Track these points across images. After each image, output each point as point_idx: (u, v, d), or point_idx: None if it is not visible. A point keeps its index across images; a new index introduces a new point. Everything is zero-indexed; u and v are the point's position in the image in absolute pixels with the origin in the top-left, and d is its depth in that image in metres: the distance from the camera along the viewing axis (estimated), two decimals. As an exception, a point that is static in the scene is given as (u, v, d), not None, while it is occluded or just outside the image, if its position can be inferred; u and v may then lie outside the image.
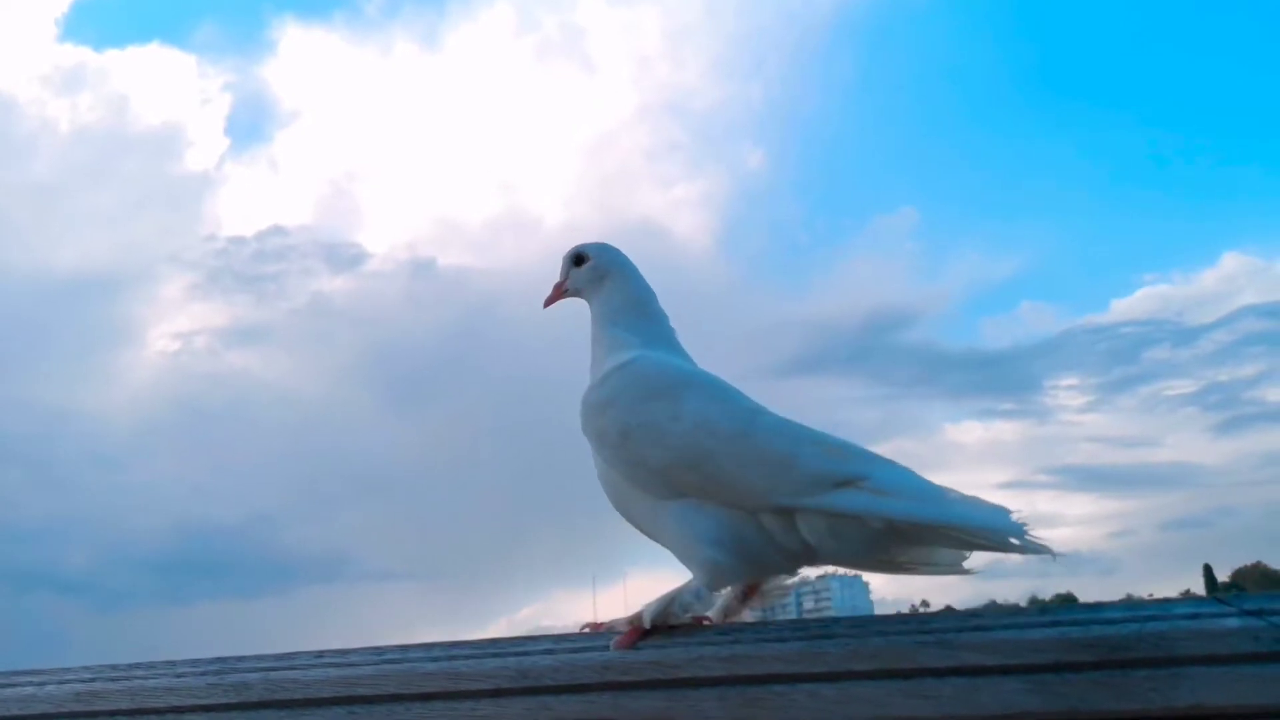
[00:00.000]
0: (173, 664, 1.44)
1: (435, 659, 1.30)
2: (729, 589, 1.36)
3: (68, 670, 1.47)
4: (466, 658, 1.29)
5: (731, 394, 1.41)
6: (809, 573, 1.45)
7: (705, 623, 1.31)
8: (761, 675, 1.16)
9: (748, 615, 1.36)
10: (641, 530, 1.41)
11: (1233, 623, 1.07)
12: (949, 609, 1.35)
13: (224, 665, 1.39)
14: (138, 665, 1.45)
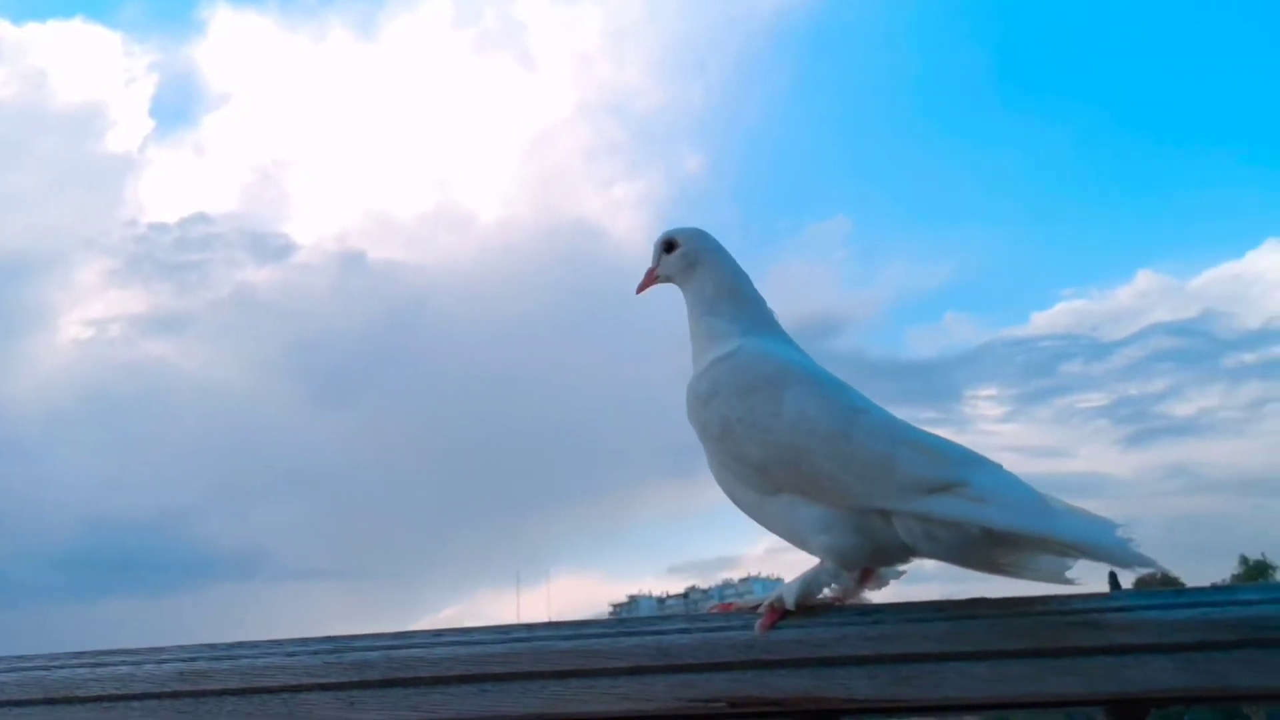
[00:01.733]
0: (279, 643, 1.40)
1: (566, 637, 1.29)
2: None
3: (162, 650, 1.43)
4: (599, 636, 1.29)
5: (834, 389, 1.40)
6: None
7: (837, 603, 1.33)
8: (910, 654, 1.19)
9: (865, 597, 1.38)
10: (750, 517, 1.42)
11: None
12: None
13: (337, 644, 1.37)
14: (240, 644, 1.41)
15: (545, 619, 1.35)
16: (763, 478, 1.36)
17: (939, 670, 1.17)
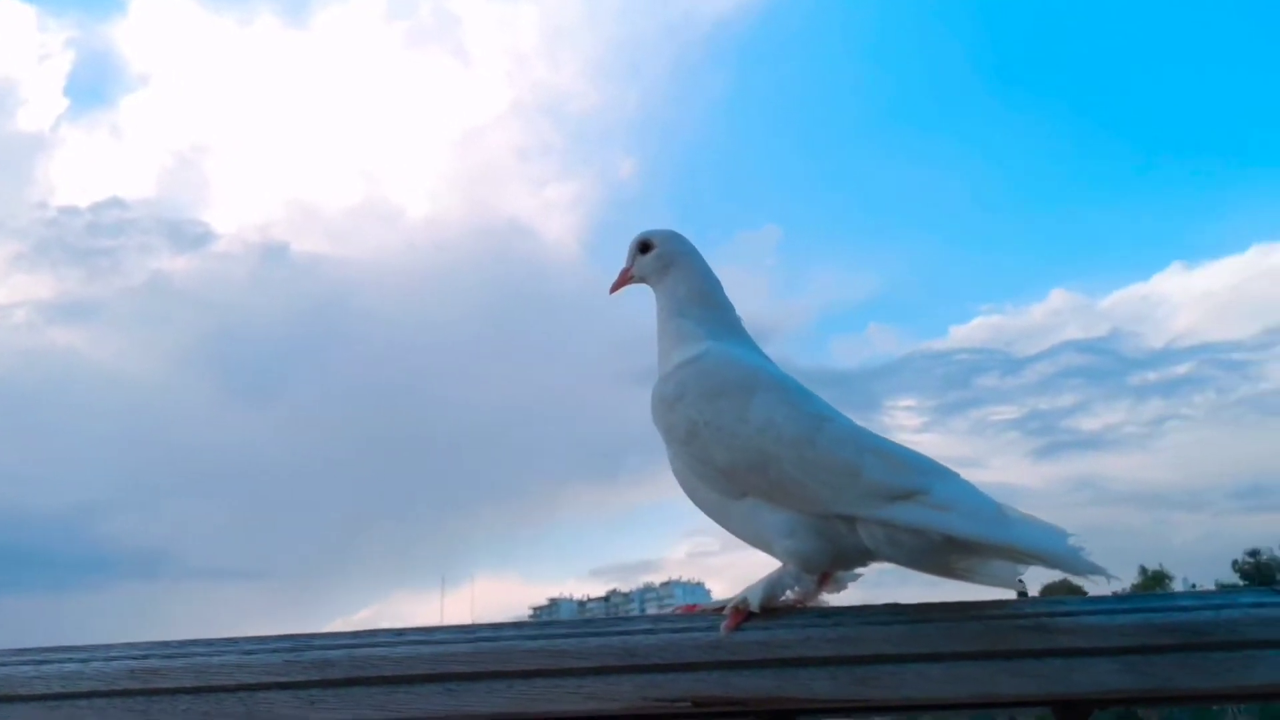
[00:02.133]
0: (234, 640, 1.38)
1: (532, 638, 1.30)
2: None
3: (112, 647, 1.39)
4: (565, 636, 1.29)
5: (800, 396, 1.42)
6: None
7: (798, 605, 1.36)
8: (870, 655, 1.22)
9: (823, 600, 1.41)
10: (714, 519, 1.45)
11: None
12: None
13: (297, 643, 1.35)
14: (194, 642, 1.38)
15: (469, 622, 1.36)
16: (728, 481, 1.38)
17: (897, 671, 1.21)
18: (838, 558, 1.35)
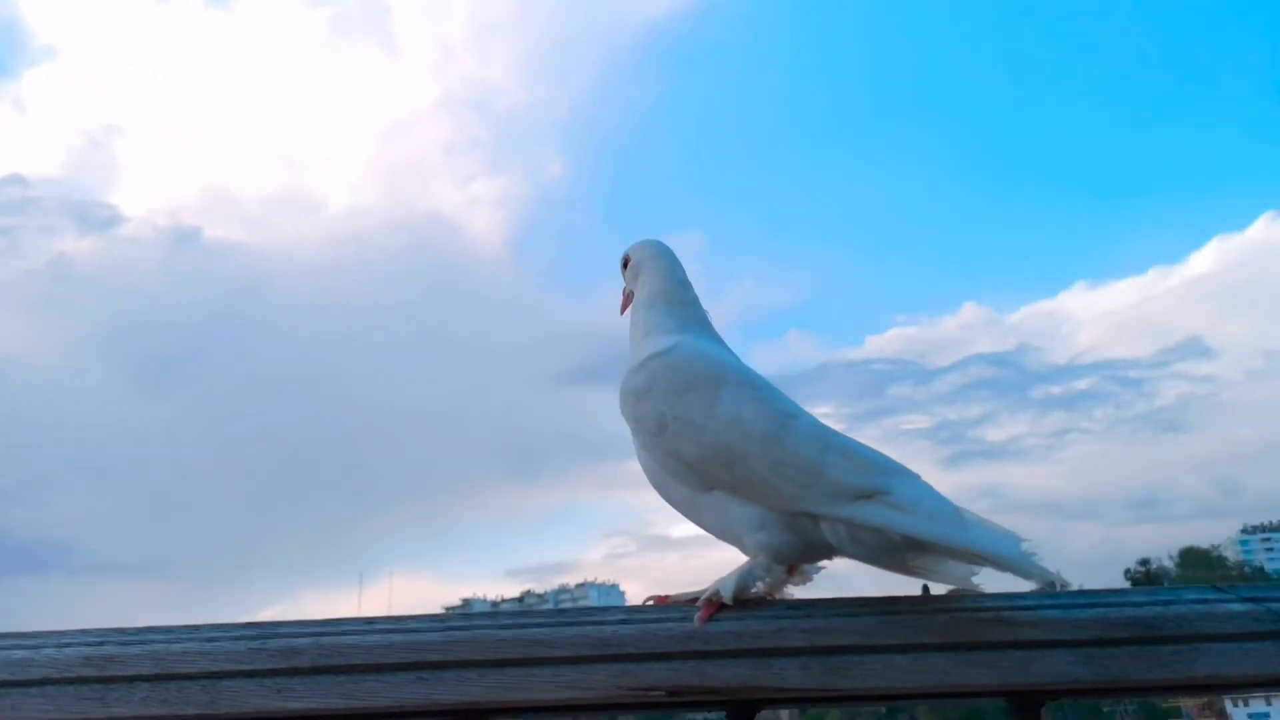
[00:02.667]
0: (195, 628, 1.34)
1: (506, 627, 1.30)
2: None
3: (64, 633, 1.34)
4: (540, 625, 1.30)
5: (767, 393, 1.45)
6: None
7: (769, 598, 1.38)
8: (840, 646, 1.25)
9: (789, 592, 1.44)
10: (680, 512, 1.46)
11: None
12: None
13: (262, 630, 1.32)
14: (152, 629, 1.34)
15: (686, 592, 1.37)
16: (695, 475, 1.40)
17: (866, 662, 1.24)
18: (805, 552, 1.38)
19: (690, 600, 1.34)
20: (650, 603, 1.38)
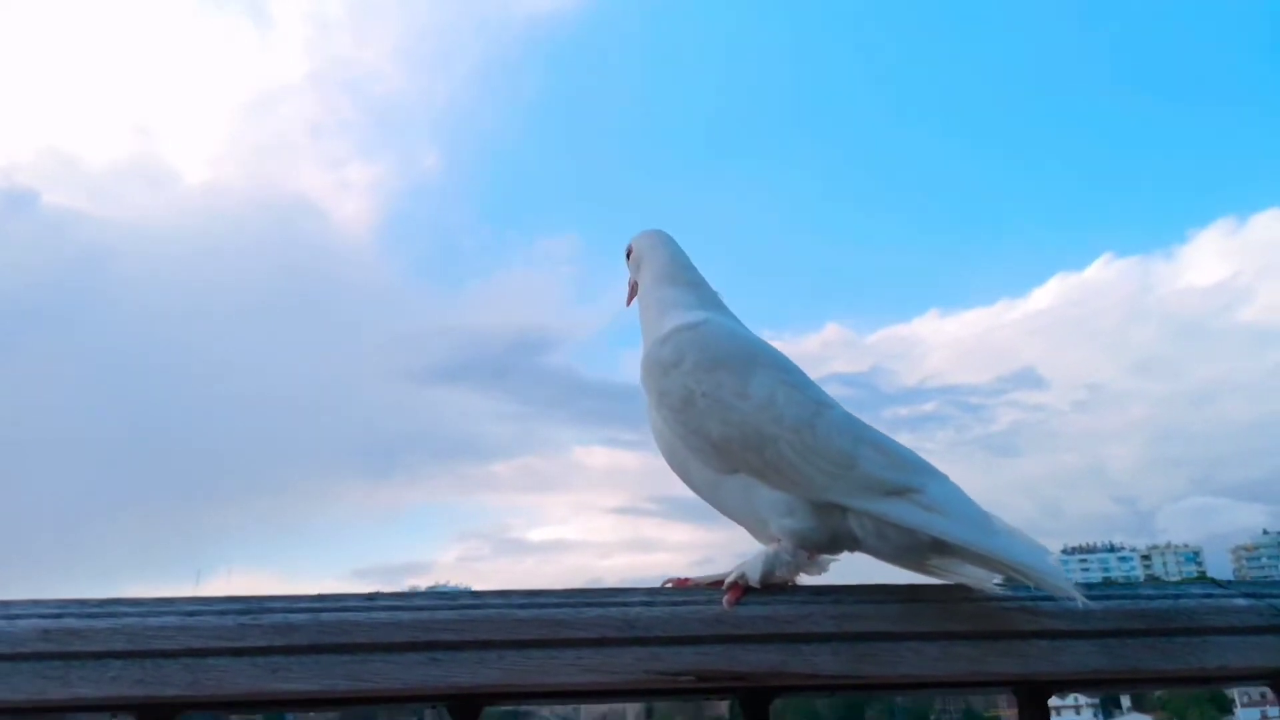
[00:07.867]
0: (169, 600, 1.21)
1: (523, 606, 1.22)
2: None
3: (13, 604, 1.18)
4: (559, 605, 1.22)
5: (800, 378, 1.42)
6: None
7: (789, 583, 1.34)
8: (869, 632, 1.23)
9: (805, 578, 1.40)
10: (698, 494, 1.41)
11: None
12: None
13: (249, 604, 1.20)
14: (118, 600, 1.20)
15: (707, 576, 1.29)
16: (720, 455, 1.35)
17: (895, 649, 1.22)
18: (830, 542, 1.35)
19: (713, 584, 1.29)
20: (669, 585, 1.32)
